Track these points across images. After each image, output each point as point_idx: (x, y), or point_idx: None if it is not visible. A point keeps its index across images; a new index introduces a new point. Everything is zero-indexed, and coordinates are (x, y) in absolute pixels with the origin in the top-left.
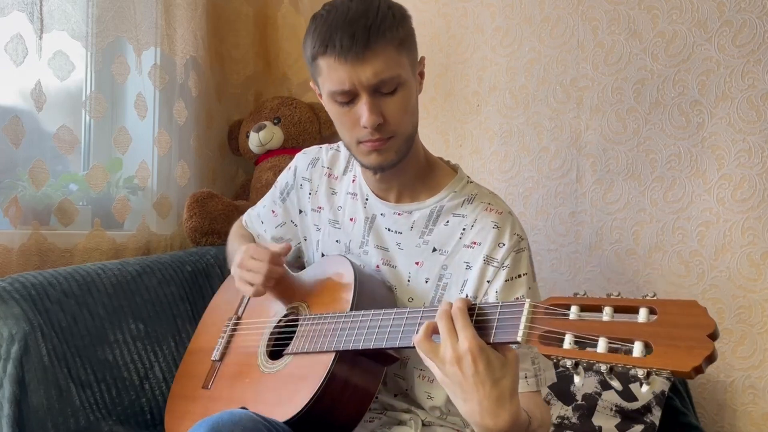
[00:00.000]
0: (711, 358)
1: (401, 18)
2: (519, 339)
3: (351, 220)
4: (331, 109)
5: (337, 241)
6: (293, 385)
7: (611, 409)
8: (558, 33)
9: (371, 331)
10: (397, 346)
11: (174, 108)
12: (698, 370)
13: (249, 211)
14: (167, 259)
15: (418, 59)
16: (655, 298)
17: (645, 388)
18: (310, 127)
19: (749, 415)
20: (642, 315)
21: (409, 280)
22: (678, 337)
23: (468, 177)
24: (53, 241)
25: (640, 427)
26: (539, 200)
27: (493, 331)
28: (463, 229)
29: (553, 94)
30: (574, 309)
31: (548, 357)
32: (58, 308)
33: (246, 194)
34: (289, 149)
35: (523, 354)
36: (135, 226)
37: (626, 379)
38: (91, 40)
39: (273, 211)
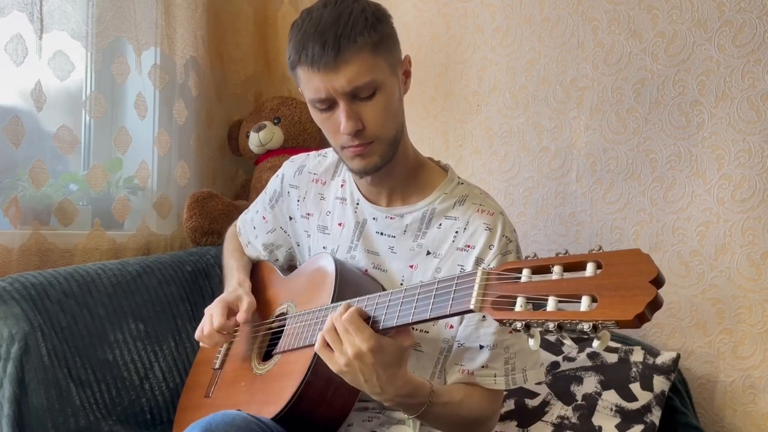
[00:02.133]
0: (654, 304)
1: (375, 21)
2: (472, 306)
3: (339, 225)
4: (314, 116)
5: (324, 247)
6: (280, 382)
7: (611, 409)
8: (558, 33)
9: None
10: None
11: (174, 108)
12: (642, 317)
13: (243, 215)
14: (167, 259)
15: (401, 58)
16: (600, 251)
17: (596, 343)
18: (310, 127)
19: (749, 415)
20: (589, 269)
21: (402, 283)
22: (622, 286)
23: (458, 177)
24: (53, 241)
25: (640, 427)
26: (539, 200)
27: (450, 302)
28: (456, 232)
29: (553, 94)
30: (525, 272)
31: (501, 321)
32: (58, 308)
33: (246, 194)
34: (289, 149)
35: (497, 354)
36: (135, 226)
37: (625, 378)
38: (91, 40)
39: (264, 218)
